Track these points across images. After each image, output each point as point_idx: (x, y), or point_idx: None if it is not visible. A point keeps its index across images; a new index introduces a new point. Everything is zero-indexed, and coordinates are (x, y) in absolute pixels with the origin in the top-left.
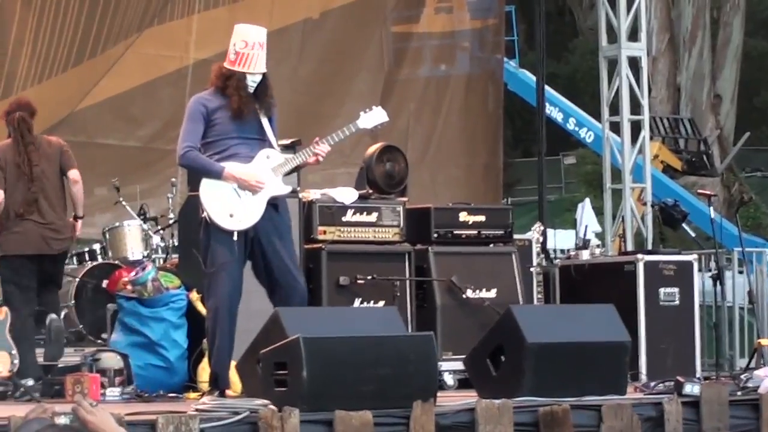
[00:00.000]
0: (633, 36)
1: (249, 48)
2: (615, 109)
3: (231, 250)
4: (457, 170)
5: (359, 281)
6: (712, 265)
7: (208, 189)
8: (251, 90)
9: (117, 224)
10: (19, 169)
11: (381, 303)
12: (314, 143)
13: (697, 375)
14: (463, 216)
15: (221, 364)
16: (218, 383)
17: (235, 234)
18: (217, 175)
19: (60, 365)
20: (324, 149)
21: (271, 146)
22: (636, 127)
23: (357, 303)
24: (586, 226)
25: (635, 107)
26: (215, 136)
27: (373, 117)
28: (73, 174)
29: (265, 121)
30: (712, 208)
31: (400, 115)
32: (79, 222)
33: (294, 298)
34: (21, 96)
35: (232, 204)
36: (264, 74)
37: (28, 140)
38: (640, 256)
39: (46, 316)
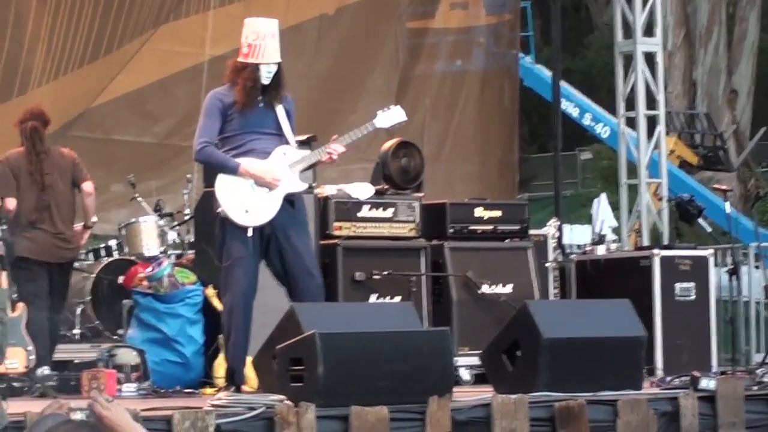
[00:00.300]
0: (648, 31)
1: (261, 39)
2: (631, 104)
3: (246, 246)
4: (473, 166)
5: (375, 277)
6: (728, 259)
7: (223, 184)
8: (267, 81)
9: (133, 220)
10: (32, 177)
11: (397, 298)
12: (331, 141)
13: (713, 370)
14: (479, 211)
15: (237, 359)
16: (234, 379)
17: (250, 230)
18: (233, 170)
19: (76, 361)
20: (337, 149)
21: (287, 142)
22: (652, 123)
23: (373, 298)
24: (602, 222)
25: (651, 102)
26: (232, 131)
27: (391, 116)
28: (87, 186)
29: (282, 116)
30: (728, 203)
31: (416, 111)
32: (88, 231)
33: (311, 293)
34: (35, 105)
35: (247, 200)
36: (279, 65)
37: (40, 149)
38: (656, 251)
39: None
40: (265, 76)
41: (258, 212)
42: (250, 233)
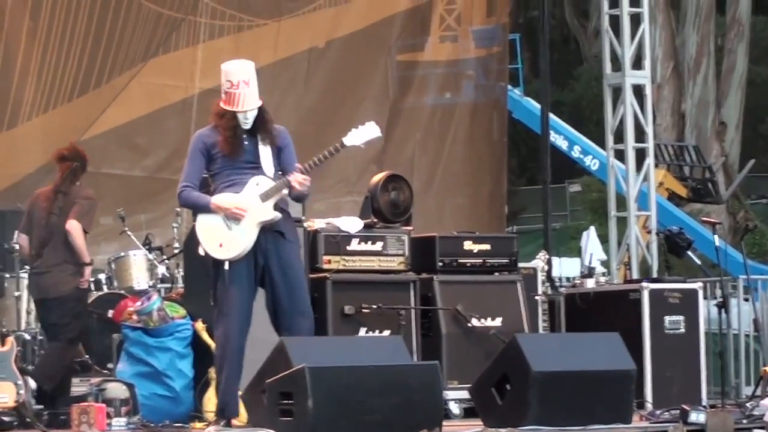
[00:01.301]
0: (637, 64)
1: (235, 87)
2: (620, 136)
3: (238, 280)
4: (463, 198)
5: (364, 310)
6: (718, 292)
7: (202, 222)
8: (247, 126)
9: (122, 254)
10: (40, 214)
11: (386, 332)
12: (296, 170)
13: (703, 403)
14: (468, 245)
15: (229, 392)
16: (225, 412)
17: (227, 263)
18: (206, 208)
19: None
20: (297, 177)
21: (263, 173)
22: (641, 155)
23: (362, 332)
24: (591, 254)
25: (640, 135)
26: (218, 168)
27: (364, 132)
28: (69, 224)
29: (265, 152)
30: (716, 235)
31: (406, 144)
32: (85, 269)
33: (301, 327)
34: (78, 145)
35: (221, 234)
36: (260, 107)
37: (64, 189)
38: (645, 284)
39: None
40: (243, 122)
41: (231, 245)
42: (226, 266)
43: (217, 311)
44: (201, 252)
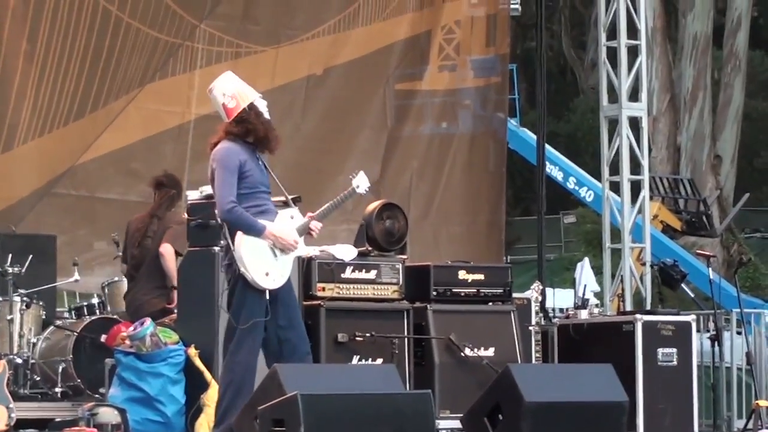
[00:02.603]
0: (634, 96)
1: (234, 86)
2: (615, 168)
3: (264, 308)
4: (460, 228)
5: (358, 338)
6: (711, 325)
7: (245, 246)
8: (269, 114)
9: (116, 278)
10: (134, 237)
11: (379, 360)
12: (309, 217)
13: None
14: (462, 274)
15: (230, 413)
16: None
17: (267, 293)
18: (258, 233)
19: (57, 419)
20: (317, 226)
21: (288, 204)
22: (636, 187)
23: (355, 360)
24: (585, 286)
25: (635, 167)
26: (247, 188)
27: (364, 179)
28: (162, 248)
29: (270, 173)
30: (711, 268)
31: (404, 173)
32: (174, 292)
33: (299, 359)
34: (171, 173)
35: (269, 263)
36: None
37: (159, 214)
38: (638, 316)
39: None
40: (266, 111)
41: (276, 275)
42: (267, 296)
43: (244, 335)
44: (248, 277)
